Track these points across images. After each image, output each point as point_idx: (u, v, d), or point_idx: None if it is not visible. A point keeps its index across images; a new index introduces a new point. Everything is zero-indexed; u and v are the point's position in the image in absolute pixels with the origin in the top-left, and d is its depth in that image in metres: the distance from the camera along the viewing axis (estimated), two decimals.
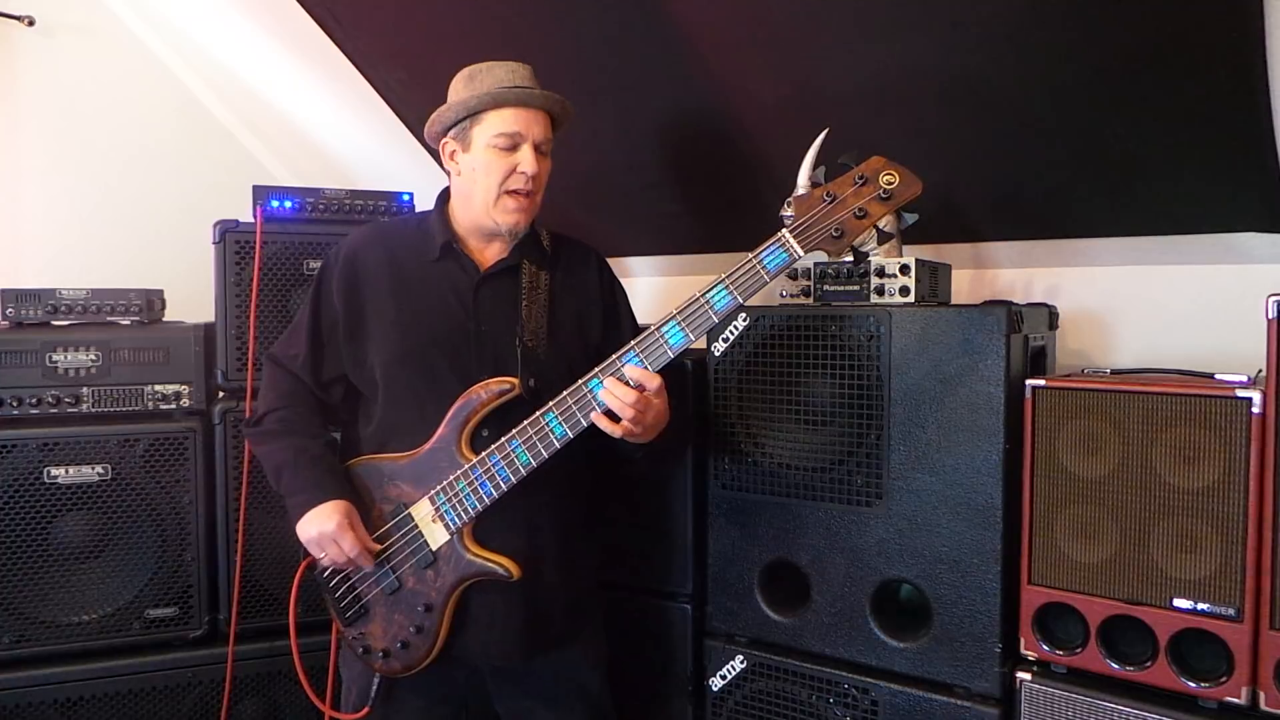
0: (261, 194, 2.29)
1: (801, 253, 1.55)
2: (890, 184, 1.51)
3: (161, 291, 2.38)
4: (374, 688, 1.83)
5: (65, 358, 2.18)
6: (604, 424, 1.62)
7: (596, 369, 1.64)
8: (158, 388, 2.24)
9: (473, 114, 1.72)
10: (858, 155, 1.56)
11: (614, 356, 1.63)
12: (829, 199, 1.53)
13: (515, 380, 1.69)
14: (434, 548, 1.73)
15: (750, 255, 1.56)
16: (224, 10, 2.72)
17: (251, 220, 2.26)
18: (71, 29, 2.92)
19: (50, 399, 2.16)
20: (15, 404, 2.14)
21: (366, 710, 1.84)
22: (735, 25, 2.00)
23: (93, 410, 2.20)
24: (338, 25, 2.51)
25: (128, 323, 2.28)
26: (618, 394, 1.59)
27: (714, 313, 1.58)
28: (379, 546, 1.75)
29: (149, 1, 2.94)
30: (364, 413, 1.84)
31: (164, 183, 3.06)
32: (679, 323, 1.59)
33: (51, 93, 2.90)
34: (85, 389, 2.19)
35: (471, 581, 1.72)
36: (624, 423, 1.61)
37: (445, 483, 1.70)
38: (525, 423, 1.66)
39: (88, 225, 2.96)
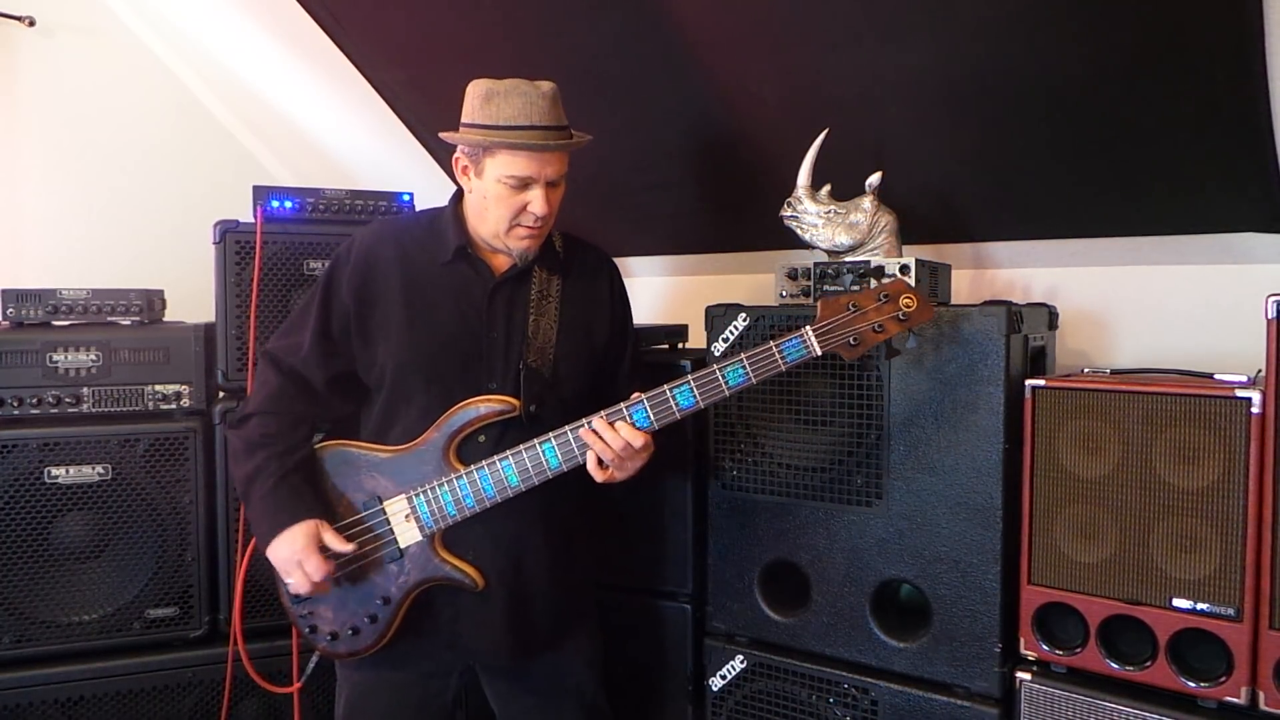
0: (261, 194, 2.29)
1: (819, 351, 1.65)
2: (909, 307, 1.65)
3: (162, 291, 2.38)
4: (310, 666, 1.87)
5: (65, 358, 2.18)
6: (591, 464, 1.69)
7: (603, 412, 1.66)
8: (158, 388, 2.25)
9: (485, 148, 1.70)
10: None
11: (621, 406, 1.66)
12: (853, 309, 1.66)
13: (517, 403, 1.70)
14: (403, 545, 1.74)
15: (771, 343, 1.66)
16: (224, 10, 2.72)
17: (251, 220, 2.26)
18: (71, 29, 2.92)
19: (50, 399, 2.16)
20: (15, 404, 2.14)
21: (298, 685, 1.91)
22: (737, 27, 2.00)
23: (93, 410, 2.20)
24: (338, 25, 2.51)
25: (128, 323, 2.28)
26: (606, 438, 1.65)
27: (726, 386, 1.66)
28: (351, 547, 1.73)
29: (149, 1, 2.94)
30: (367, 406, 1.83)
31: (164, 183, 3.06)
32: (692, 387, 1.65)
33: (51, 93, 2.90)
34: (85, 389, 2.19)
35: (435, 583, 1.73)
36: (609, 469, 1.68)
37: (427, 486, 1.71)
38: (521, 447, 1.68)
39: (88, 225, 2.96)
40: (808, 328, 1.65)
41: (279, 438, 1.76)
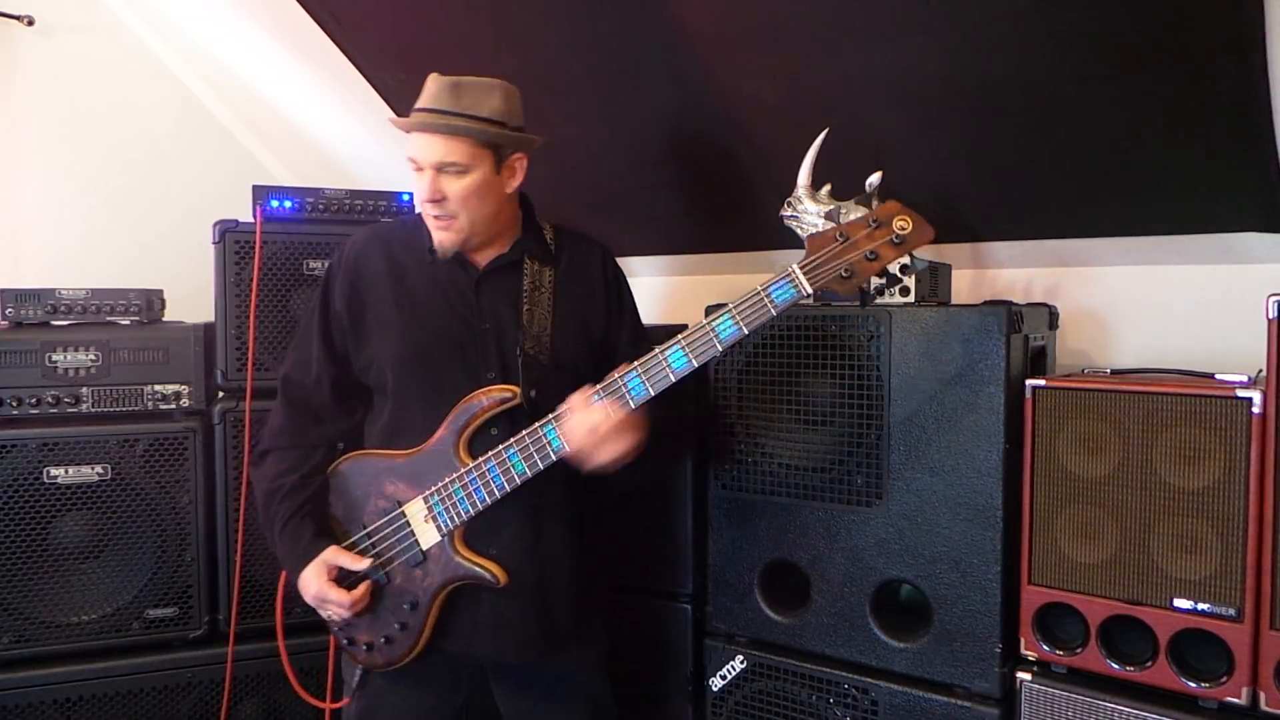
0: (261, 194, 2.29)
1: (810, 290, 1.55)
2: (903, 230, 1.52)
3: (161, 291, 2.38)
4: (356, 679, 1.85)
5: (65, 358, 2.18)
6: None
7: (598, 385, 1.63)
8: (157, 388, 2.24)
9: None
10: (870, 197, 1.56)
11: (615, 375, 1.63)
12: (842, 239, 1.54)
13: (517, 390, 1.69)
14: (424, 547, 1.73)
15: (759, 287, 1.57)
16: (224, 10, 2.72)
17: (251, 220, 2.26)
18: (71, 29, 2.92)
19: (50, 399, 2.16)
20: (15, 404, 2.14)
21: (347, 700, 1.86)
22: (736, 25, 2.00)
23: (92, 410, 2.20)
24: (337, 25, 2.51)
25: (127, 323, 2.28)
26: (579, 418, 1.61)
27: (719, 341, 1.59)
28: (365, 562, 1.75)
29: (149, 1, 2.94)
30: (374, 410, 1.84)
31: (164, 183, 3.06)
32: (683, 347, 1.60)
33: (51, 93, 2.90)
34: (85, 389, 2.19)
35: (459, 584, 1.72)
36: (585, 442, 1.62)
37: (440, 484, 1.71)
38: (524, 433, 1.66)
39: (88, 225, 2.96)
40: (795, 265, 1.56)
41: (291, 472, 1.80)
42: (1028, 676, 1.76)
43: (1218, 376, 1.67)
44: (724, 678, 2.07)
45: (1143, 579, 1.66)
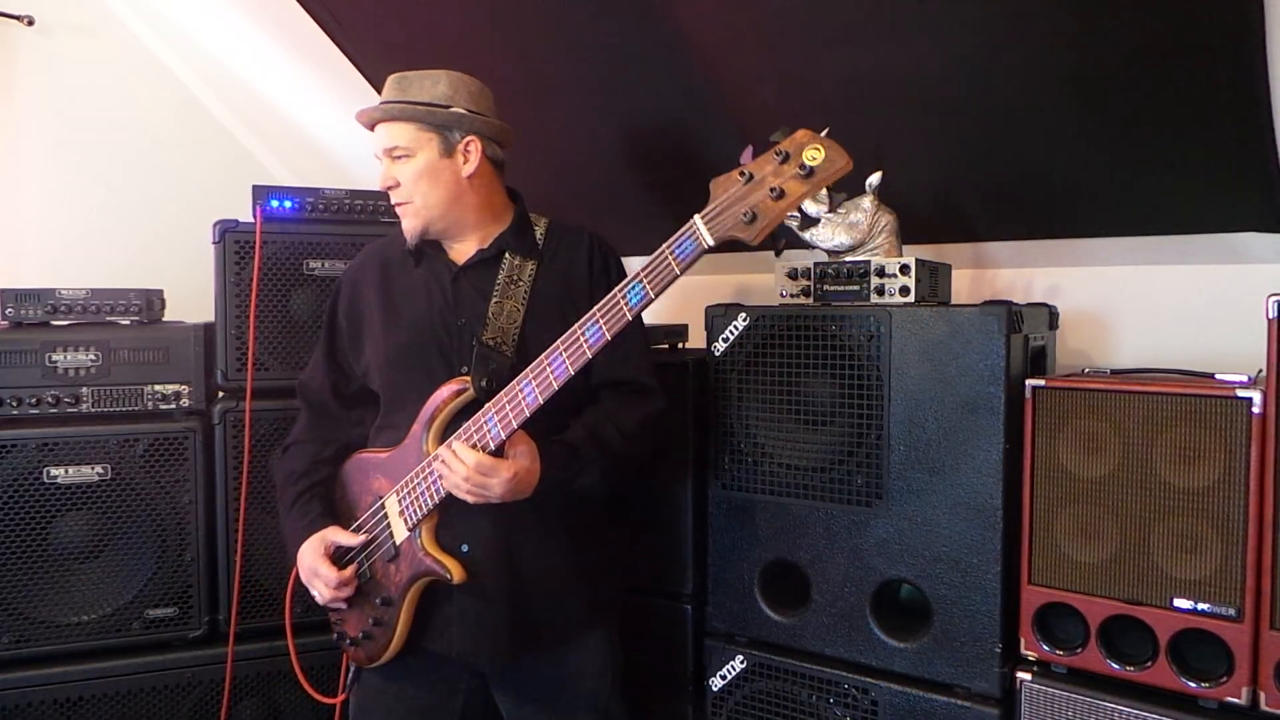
0: (261, 194, 2.29)
1: (711, 240, 1.43)
2: (814, 160, 1.34)
3: (161, 291, 2.37)
4: (350, 673, 1.87)
5: (65, 358, 2.18)
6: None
7: (528, 369, 1.59)
8: (157, 388, 2.24)
9: None
10: (788, 130, 1.42)
11: (541, 357, 1.58)
12: (745, 178, 1.39)
13: (469, 380, 1.67)
14: (397, 542, 1.74)
15: (663, 246, 1.47)
16: (223, 10, 2.72)
17: (251, 220, 2.26)
18: (71, 29, 2.92)
19: (50, 399, 2.15)
20: (15, 404, 2.14)
21: (343, 696, 1.88)
22: (734, 25, 2.00)
23: (92, 410, 2.20)
24: (337, 25, 2.52)
25: (127, 323, 2.28)
26: (450, 468, 1.61)
27: (628, 309, 1.51)
28: (360, 538, 1.78)
29: (149, 1, 2.94)
30: (378, 412, 1.87)
31: (164, 183, 3.06)
32: (598, 320, 1.53)
33: (51, 93, 2.90)
34: (85, 389, 2.19)
35: (425, 580, 1.71)
36: (464, 493, 1.62)
37: (407, 478, 1.72)
38: (468, 423, 1.64)
39: (88, 225, 2.96)
40: (697, 216, 1.44)
41: (306, 459, 1.88)
42: (1028, 676, 1.76)
43: (1218, 376, 1.67)
44: (724, 678, 2.07)
45: (1143, 579, 1.66)
